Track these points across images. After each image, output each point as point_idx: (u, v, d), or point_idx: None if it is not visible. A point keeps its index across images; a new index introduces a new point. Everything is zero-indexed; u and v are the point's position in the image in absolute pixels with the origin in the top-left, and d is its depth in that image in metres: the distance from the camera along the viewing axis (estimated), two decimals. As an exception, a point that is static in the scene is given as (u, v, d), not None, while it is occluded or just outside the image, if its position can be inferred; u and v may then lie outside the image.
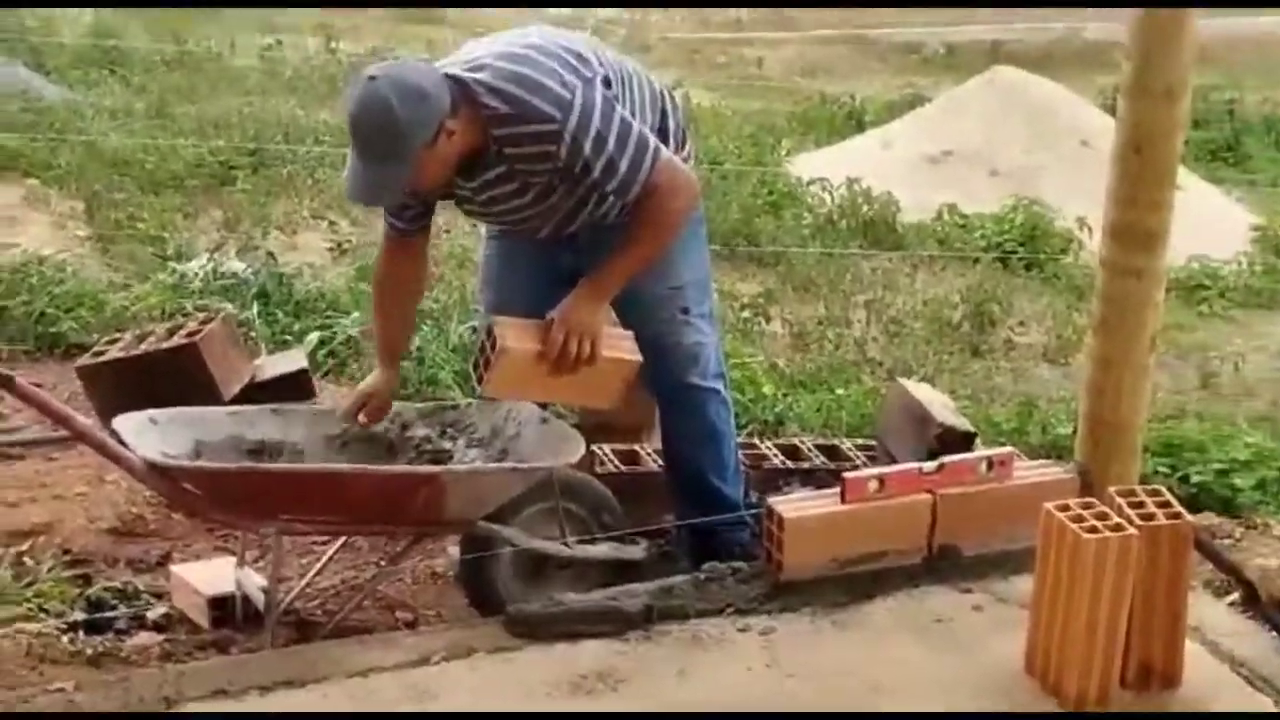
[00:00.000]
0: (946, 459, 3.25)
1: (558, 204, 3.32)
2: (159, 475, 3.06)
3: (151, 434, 3.21)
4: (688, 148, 3.56)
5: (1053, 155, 10.63)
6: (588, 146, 3.15)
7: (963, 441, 3.78)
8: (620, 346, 3.38)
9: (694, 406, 3.59)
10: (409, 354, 5.74)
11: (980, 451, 3.47)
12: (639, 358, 3.39)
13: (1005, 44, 17.28)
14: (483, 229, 3.76)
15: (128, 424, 3.20)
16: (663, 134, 3.42)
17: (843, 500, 3.17)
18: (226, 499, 3.07)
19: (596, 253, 3.36)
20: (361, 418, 3.45)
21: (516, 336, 3.25)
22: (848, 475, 3.19)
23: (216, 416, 3.46)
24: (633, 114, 3.29)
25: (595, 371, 3.30)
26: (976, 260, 8.81)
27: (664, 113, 3.46)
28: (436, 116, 3.05)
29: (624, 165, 3.19)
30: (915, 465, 3.24)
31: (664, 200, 3.26)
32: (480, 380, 3.31)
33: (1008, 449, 3.41)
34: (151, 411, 3.30)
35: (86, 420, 3.07)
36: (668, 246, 3.35)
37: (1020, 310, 8.12)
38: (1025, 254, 9.00)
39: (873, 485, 3.17)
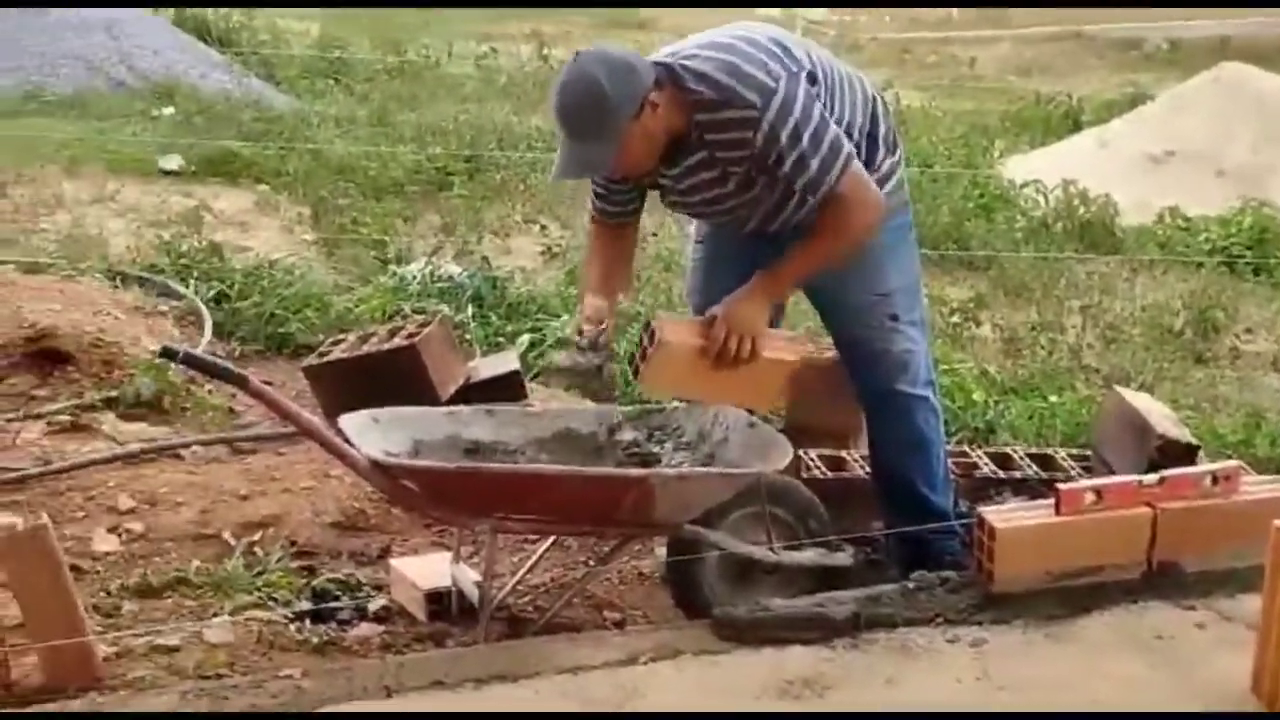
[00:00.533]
0: (1168, 473, 3.16)
1: (760, 196, 3.34)
2: (380, 472, 3.18)
3: (374, 432, 3.34)
4: (898, 152, 3.53)
5: (1284, 154, 10.14)
6: (783, 137, 3.16)
7: (1185, 454, 3.65)
8: (781, 347, 3.37)
9: (902, 414, 3.56)
10: (618, 355, 5.84)
11: (1204, 465, 3.35)
12: (798, 358, 3.39)
13: (1235, 39, 16.55)
14: (690, 229, 3.81)
15: (352, 423, 3.33)
16: (873, 139, 3.40)
17: (1057, 511, 3.10)
18: (444, 496, 3.17)
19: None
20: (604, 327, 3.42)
21: (675, 330, 3.28)
22: (1063, 486, 3.12)
23: (434, 416, 3.57)
24: (841, 115, 3.28)
25: (755, 370, 3.31)
26: (1200, 265, 8.46)
27: (874, 117, 3.44)
28: (641, 89, 3.12)
29: (814, 164, 3.19)
30: (1134, 478, 3.15)
31: (847, 211, 3.26)
32: (636, 373, 3.35)
33: (1234, 463, 3.29)
34: (374, 411, 3.43)
35: (313, 418, 3.19)
36: (841, 258, 3.33)
37: (1247, 317, 7.77)
38: (1253, 258, 8.58)
39: (1089, 497, 3.09)
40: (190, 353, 3.08)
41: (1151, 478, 3.14)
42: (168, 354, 3.16)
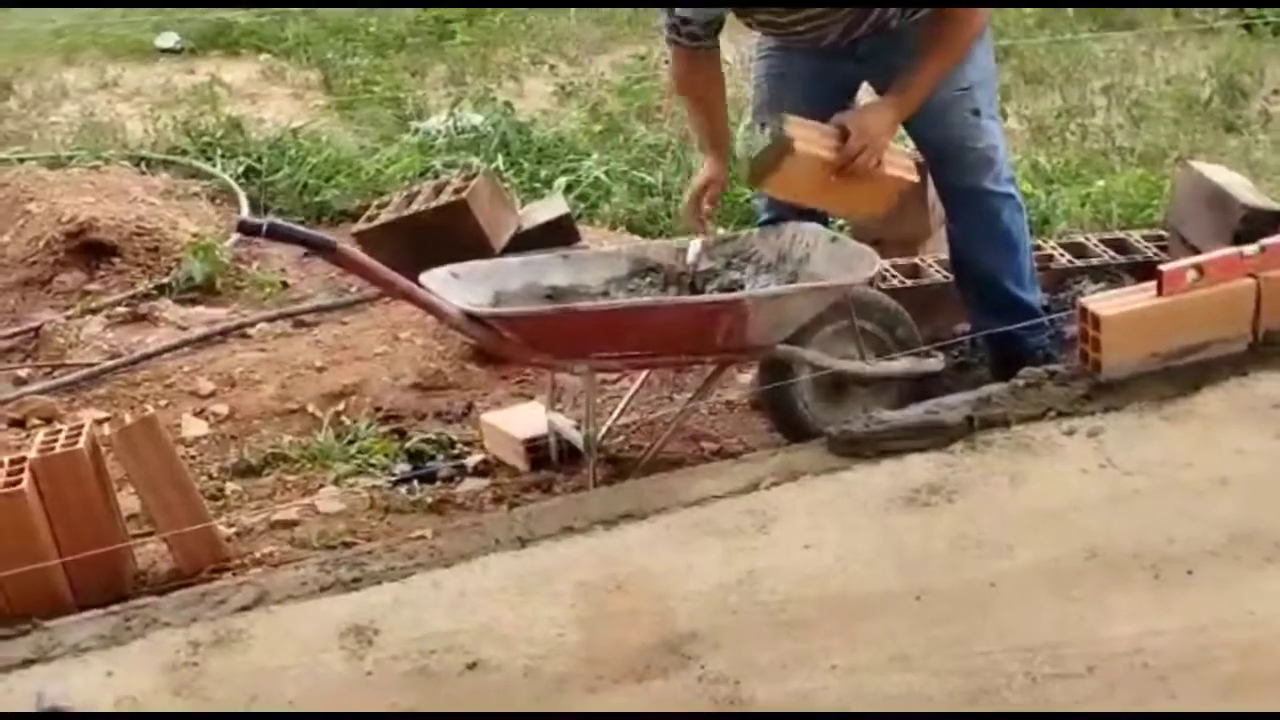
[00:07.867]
0: (1267, 241, 3.11)
1: (847, 12, 3.27)
2: (477, 324, 3.16)
3: (455, 287, 3.32)
4: None
5: (1293, -94, 9.84)
6: None
7: (1270, 221, 3.61)
8: (901, 164, 3.34)
9: (989, 212, 3.51)
10: (656, 189, 5.79)
11: (1299, 230, 3.31)
12: (916, 177, 3.37)
13: None
14: (750, 50, 3.72)
15: (434, 280, 3.30)
16: None
17: (1160, 293, 3.07)
18: (542, 341, 3.15)
19: (877, 60, 3.34)
20: (705, 206, 3.48)
21: (807, 139, 3.22)
22: (1164, 267, 3.08)
23: (511, 266, 3.54)
24: None
25: (873, 184, 3.28)
26: (1218, 29, 8.32)
27: None
28: None
29: None
30: (1234, 250, 3.11)
31: (963, 16, 3.23)
32: (758, 179, 3.33)
33: (1332, 224, 3.25)
34: (452, 267, 3.39)
35: (404, 280, 3.15)
36: (960, 61, 3.28)
37: (1274, 78, 7.66)
38: (1273, 17, 8.43)
39: (1191, 275, 3.07)
40: (275, 223, 3.01)
41: (1251, 248, 3.09)
42: (248, 229, 3.09)
